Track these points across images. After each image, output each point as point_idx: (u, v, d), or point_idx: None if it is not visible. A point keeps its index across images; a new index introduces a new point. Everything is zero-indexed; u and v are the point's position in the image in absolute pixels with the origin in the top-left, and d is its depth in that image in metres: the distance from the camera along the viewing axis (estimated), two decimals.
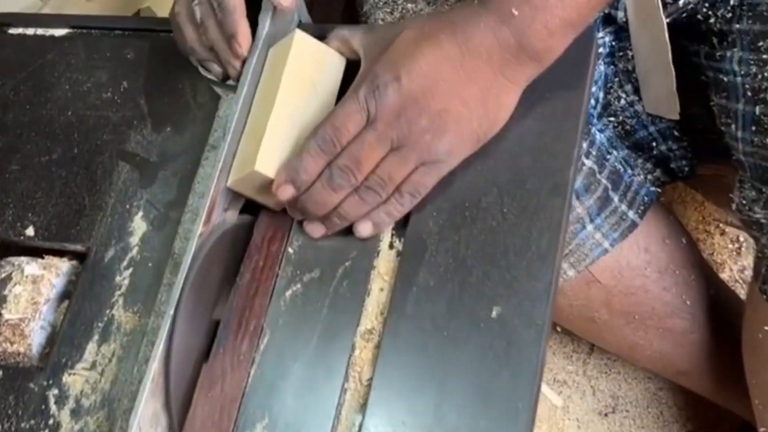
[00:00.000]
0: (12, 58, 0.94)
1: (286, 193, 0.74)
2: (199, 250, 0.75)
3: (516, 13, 0.70)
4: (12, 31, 0.96)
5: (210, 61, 0.83)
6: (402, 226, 0.76)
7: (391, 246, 0.76)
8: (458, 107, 0.71)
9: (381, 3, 0.93)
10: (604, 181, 0.89)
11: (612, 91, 0.90)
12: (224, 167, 0.77)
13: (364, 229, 0.75)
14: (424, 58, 0.71)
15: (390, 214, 0.74)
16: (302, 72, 0.77)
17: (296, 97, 0.76)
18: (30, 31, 0.96)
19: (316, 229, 0.76)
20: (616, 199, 0.89)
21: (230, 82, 0.84)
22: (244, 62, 0.80)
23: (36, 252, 0.84)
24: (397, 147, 0.72)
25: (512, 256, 0.72)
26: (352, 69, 0.78)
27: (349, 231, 0.76)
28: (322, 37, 0.83)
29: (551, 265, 0.71)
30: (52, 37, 0.94)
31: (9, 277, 0.81)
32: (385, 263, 0.75)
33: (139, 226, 0.82)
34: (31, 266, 0.81)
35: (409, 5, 0.91)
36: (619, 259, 0.90)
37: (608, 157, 0.90)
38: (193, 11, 0.81)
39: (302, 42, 0.78)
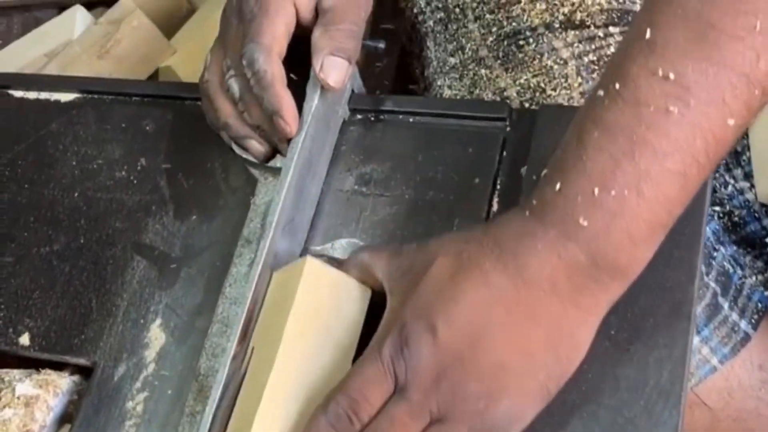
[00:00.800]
0: (10, 127, 0.82)
1: None
2: (233, 375, 0.61)
3: (585, 223, 0.55)
4: (11, 93, 0.84)
5: (249, 139, 0.70)
6: None
7: None
8: (518, 359, 0.55)
9: (447, 67, 0.80)
10: (712, 284, 0.77)
11: (717, 175, 0.79)
12: (265, 268, 0.63)
13: None
14: (465, 299, 0.56)
15: None
16: (314, 311, 0.60)
17: (305, 343, 0.60)
18: (32, 95, 0.84)
19: None
20: (725, 306, 0.77)
21: (271, 162, 0.72)
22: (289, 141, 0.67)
23: (31, 363, 0.71)
24: (439, 419, 0.55)
25: (625, 392, 0.59)
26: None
27: None
28: (375, 111, 0.72)
29: (676, 404, 0.59)
30: (57, 102, 0.82)
31: None
32: None
33: (156, 336, 0.69)
34: (24, 384, 0.69)
35: (483, 71, 0.78)
36: (729, 378, 0.78)
37: (715, 254, 0.78)
38: (228, 84, 0.69)
39: (315, 271, 0.61)
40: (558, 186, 0.56)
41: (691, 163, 0.55)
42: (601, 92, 0.56)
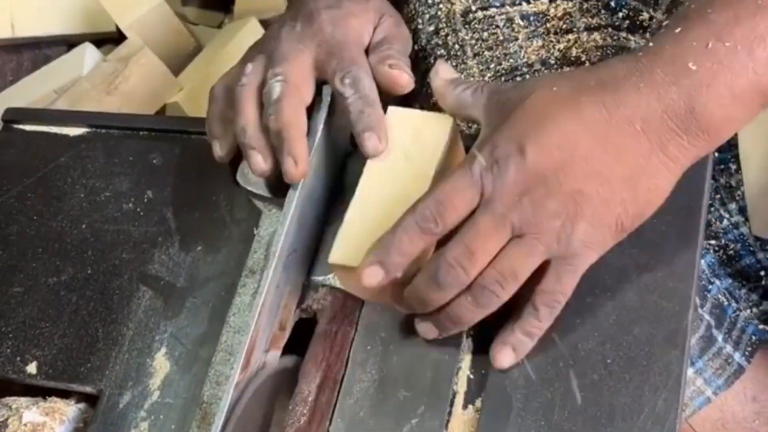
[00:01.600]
0: (19, 161, 0.83)
1: (372, 277, 0.60)
2: (236, 403, 0.62)
3: (694, 68, 0.57)
4: (21, 128, 0.85)
5: (255, 151, 0.69)
6: (479, 372, 0.64)
7: (466, 401, 0.63)
8: (598, 188, 0.58)
9: None
10: (706, 316, 0.77)
11: (713, 209, 0.80)
12: (268, 298, 0.64)
13: (503, 357, 0.62)
14: (557, 127, 0.58)
15: (529, 333, 0.62)
16: (395, 146, 0.66)
17: (386, 174, 0.65)
18: (42, 129, 0.84)
19: (427, 330, 0.64)
20: (720, 338, 0.78)
21: (268, 192, 0.72)
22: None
23: (37, 391, 0.72)
24: (519, 234, 0.59)
25: (620, 420, 0.60)
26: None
27: (414, 379, 0.64)
28: None
29: None
30: (66, 136, 0.83)
31: (4, 424, 0.69)
32: (460, 423, 0.63)
33: (161, 365, 0.69)
34: (31, 412, 0.69)
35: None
36: (723, 409, 0.78)
37: (710, 287, 0.79)
38: (270, 86, 0.69)
39: (397, 115, 0.67)
40: (678, 29, 0.58)
41: None
42: None
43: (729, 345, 0.78)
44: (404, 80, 0.70)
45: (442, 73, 0.67)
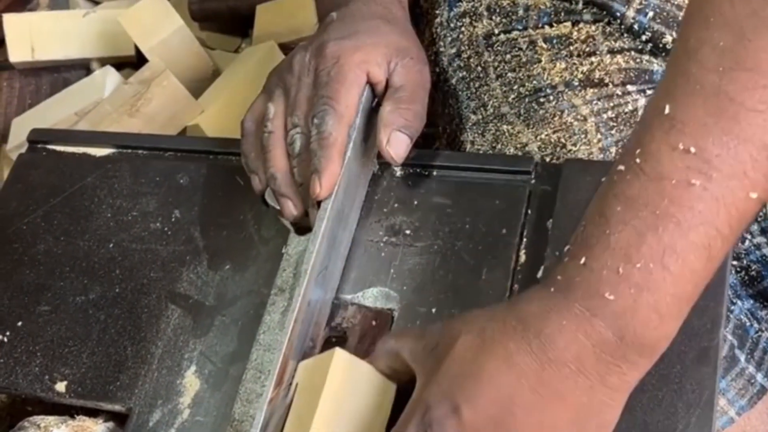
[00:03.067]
0: (46, 180, 0.83)
1: None
2: (269, 420, 0.62)
3: (611, 297, 0.53)
4: (46, 148, 0.85)
5: (286, 199, 0.71)
6: None
7: None
8: None
9: (469, 123, 0.82)
10: (729, 336, 0.77)
11: None
12: (300, 315, 0.64)
13: None
14: (489, 380, 0.54)
15: None
16: (342, 401, 0.61)
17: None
18: (67, 150, 0.85)
19: None
20: (742, 358, 0.78)
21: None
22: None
23: (65, 410, 0.72)
24: None
25: None
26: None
27: None
28: (403, 165, 0.74)
29: None
30: (93, 157, 0.84)
31: None
32: None
33: (191, 383, 0.69)
34: (59, 430, 0.69)
35: (505, 127, 0.80)
36: (747, 429, 0.78)
37: (732, 308, 0.79)
38: (293, 139, 0.70)
39: (344, 363, 0.62)
40: (583, 260, 0.55)
41: (715, 235, 0.54)
42: (622, 167, 0.56)
43: (751, 365, 0.78)
44: (395, 156, 0.70)
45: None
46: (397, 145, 0.70)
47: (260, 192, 0.73)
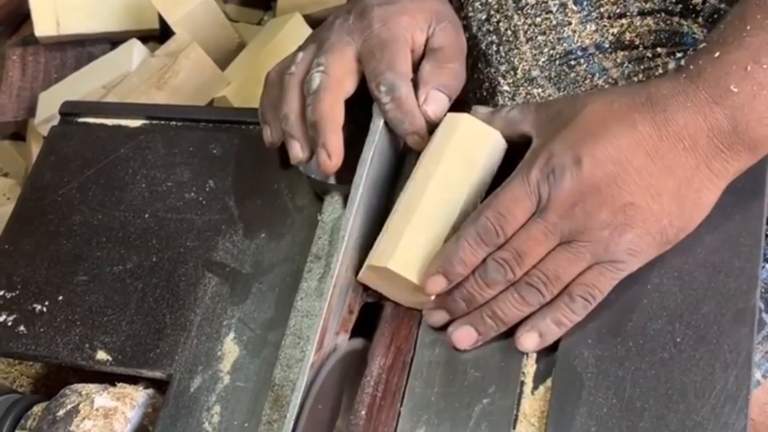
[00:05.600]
0: (79, 153, 0.84)
1: (436, 286, 0.64)
2: (312, 384, 0.62)
3: (735, 90, 0.59)
4: (80, 120, 0.86)
5: (294, 141, 0.71)
6: (548, 353, 0.64)
7: (536, 381, 0.64)
8: (648, 201, 0.61)
9: (499, 88, 0.82)
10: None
11: None
12: (338, 281, 0.65)
13: (528, 340, 0.64)
14: (612, 140, 0.61)
15: (559, 322, 0.63)
16: (464, 158, 0.67)
17: (453, 185, 0.67)
18: (99, 122, 0.85)
19: (464, 336, 0.65)
20: None
21: (331, 180, 0.73)
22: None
23: (103, 378, 0.72)
24: (569, 240, 0.62)
25: (692, 397, 0.61)
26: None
27: (484, 360, 0.65)
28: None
29: (743, 408, 0.60)
30: (125, 128, 0.84)
31: (76, 410, 0.69)
32: (531, 402, 0.63)
33: (230, 349, 0.70)
34: (102, 397, 0.70)
35: (535, 90, 0.80)
36: None
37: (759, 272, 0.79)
38: (311, 77, 0.71)
39: (470, 125, 0.69)
40: (717, 54, 0.61)
41: None
42: None
43: None
44: (431, 114, 0.70)
45: (482, 109, 0.70)
46: (434, 103, 0.71)
47: (270, 144, 0.74)
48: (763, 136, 0.60)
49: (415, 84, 0.71)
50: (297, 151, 0.71)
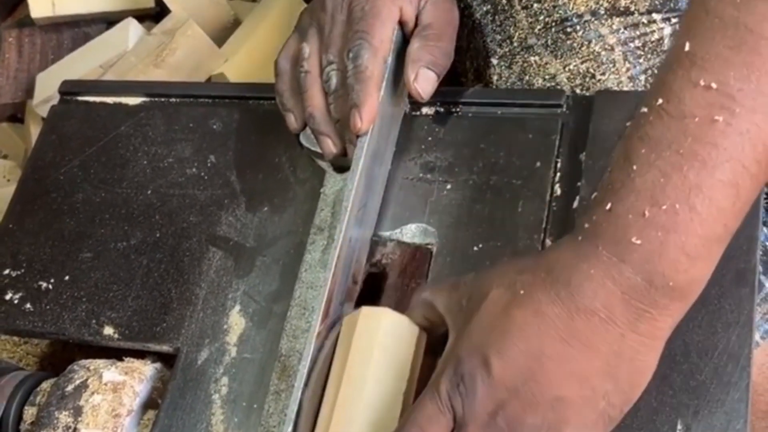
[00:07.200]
0: (80, 131, 0.84)
1: None
2: (318, 353, 0.63)
3: (638, 242, 0.53)
4: (80, 99, 0.86)
5: (325, 137, 0.72)
6: None
7: None
8: (576, 390, 0.54)
9: (496, 57, 0.82)
10: None
11: None
12: (342, 252, 0.65)
13: None
14: (518, 332, 0.54)
15: None
16: (393, 357, 0.61)
17: (387, 386, 0.61)
18: (99, 100, 0.86)
19: None
20: (767, 284, 0.78)
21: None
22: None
23: (110, 354, 0.73)
24: None
25: (695, 356, 0.61)
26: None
27: None
28: (434, 103, 0.74)
29: (745, 366, 0.61)
30: (124, 106, 0.84)
31: (84, 385, 0.70)
32: None
33: (236, 322, 0.71)
34: (110, 371, 0.70)
35: (532, 58, 0.80)
36: None
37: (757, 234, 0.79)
38: (328, 76, 0.71)
39: (391, 322, 0.62)
40: (608, 206, 0.54)
41: (742, 172, 0.52)
42: (645, 109, 0.55)
43: None
44: (422, 92, 0.71)
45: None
46: (424, 81, 0.71)
47: (295, 130, 0.74)
48: (685, 282, 0.54)
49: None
50: (330, 147, 0.72)
